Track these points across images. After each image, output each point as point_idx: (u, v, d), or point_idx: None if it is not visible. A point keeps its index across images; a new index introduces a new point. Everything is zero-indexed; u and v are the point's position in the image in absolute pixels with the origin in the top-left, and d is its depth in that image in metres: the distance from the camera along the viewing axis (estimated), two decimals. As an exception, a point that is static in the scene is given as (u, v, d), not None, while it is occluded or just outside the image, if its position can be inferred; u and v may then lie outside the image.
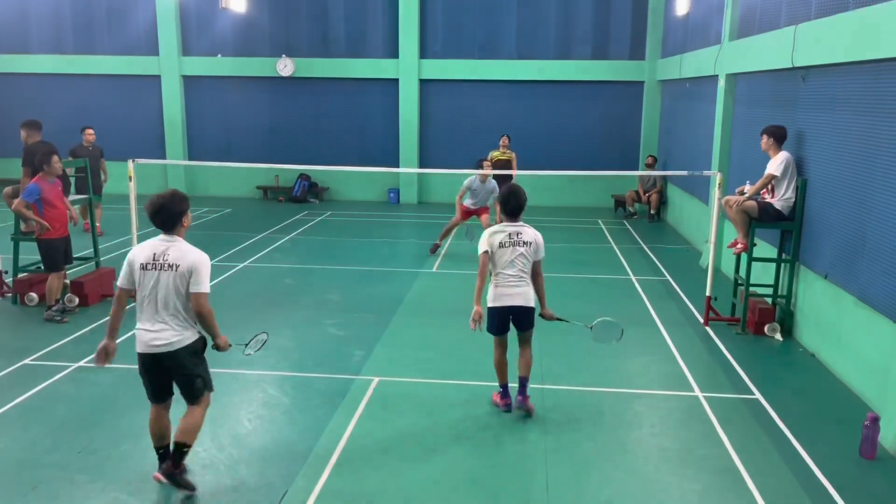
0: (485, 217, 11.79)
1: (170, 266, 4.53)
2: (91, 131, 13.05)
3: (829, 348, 7.21)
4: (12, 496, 4.68)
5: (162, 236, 4.63)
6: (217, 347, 4.80)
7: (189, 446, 4.75)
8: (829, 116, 7.46)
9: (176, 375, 4.72)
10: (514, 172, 11.83)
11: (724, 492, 4.92)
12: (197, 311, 4.59)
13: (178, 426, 4.72)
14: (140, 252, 4.60)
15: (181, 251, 4.58)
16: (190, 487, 4.75)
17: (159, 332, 4.56)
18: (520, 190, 5.92)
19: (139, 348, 4.64)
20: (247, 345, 5.06)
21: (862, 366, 6.46)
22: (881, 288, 6.16)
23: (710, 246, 9.00)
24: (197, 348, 4.71)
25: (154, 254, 4.57)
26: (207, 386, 4.81)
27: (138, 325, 4.63)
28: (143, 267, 4.56)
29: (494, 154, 13.86)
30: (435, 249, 12.16)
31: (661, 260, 11.91)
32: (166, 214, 4.59)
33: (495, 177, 11.70)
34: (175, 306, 4.56)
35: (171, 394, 4.84)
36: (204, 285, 4.57)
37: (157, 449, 4.87)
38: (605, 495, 4.84)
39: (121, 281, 4.67)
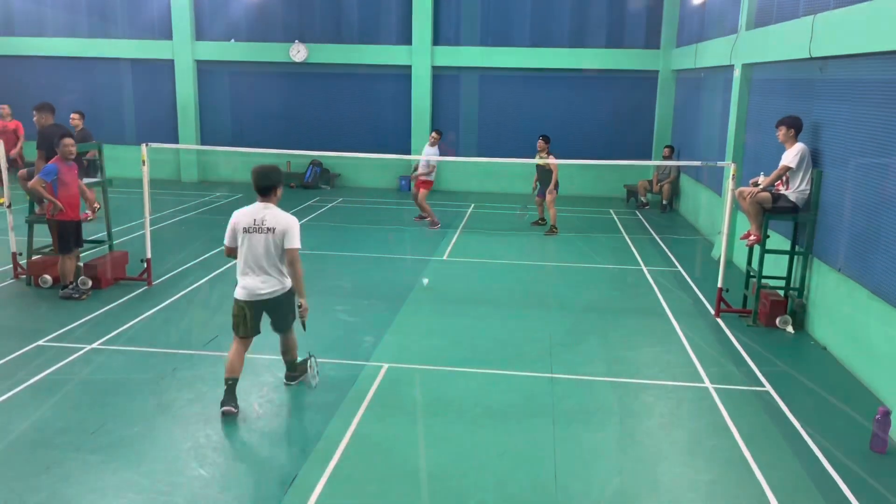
0: (422, 192, 13.13)
1: (268, 229, 5.50)
2: (75, 116, 12.08)
3: (841, 341, 7.17)
4: (26, 476, 4.74)
5: (259, 203, 5.56)
6: (299, 306, 5.74)
7: (296, 358, 6.18)
8: (847, 108, 7.38)
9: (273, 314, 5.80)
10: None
11: (734, 483, 4.92)
12: (290, 261, 5.59)
13: (288, 347, 6.08)
14: (242, 217, 5.56)
15: (275, 216, 5.54)
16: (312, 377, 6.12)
17: (264, 282, 5.55)
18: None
19: (243, 296, 5.58)
20: (313, 377, 6.16)
21: (874, 359, 6.42)
22: (896, 282, 6.12)
23: (722, 237, 8.95)
24: (293, 293, 5.78)
25: (255, 219, 5.52)
26: (294, 319, 5.93)
27: (243, 277, 5.57)
28: (246, 230, 5.52)
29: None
30: (420, 220, 13.43)
31: (672, 251, 11.86)
32: (268, 181, 5.55)
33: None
34: (274, 262, 5.55)
35: (258, 333, 5.74)
36: (296, 242, 5.58)
37: (227, 380, 5.64)
38: (613, 485, 4.85)
39: (226, 240, 5.65)
